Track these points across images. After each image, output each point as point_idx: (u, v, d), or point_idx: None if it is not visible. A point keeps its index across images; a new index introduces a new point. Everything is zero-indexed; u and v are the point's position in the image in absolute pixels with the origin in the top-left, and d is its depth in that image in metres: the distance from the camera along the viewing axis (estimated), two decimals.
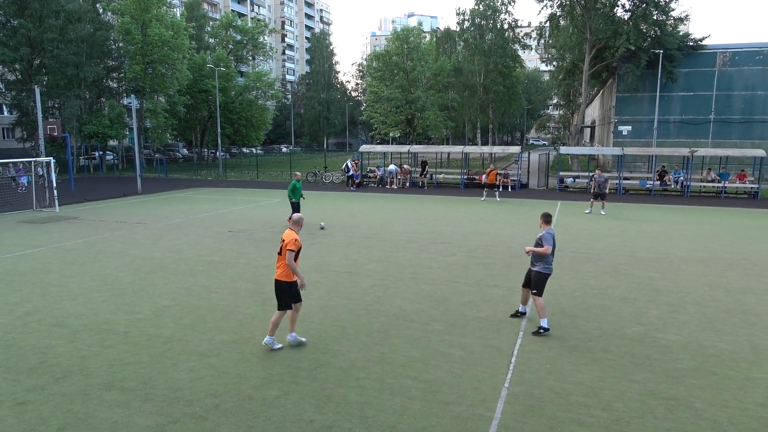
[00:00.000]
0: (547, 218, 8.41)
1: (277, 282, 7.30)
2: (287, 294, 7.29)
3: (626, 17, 37.52)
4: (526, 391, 6.30)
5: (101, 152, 45.53)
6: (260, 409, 5.87)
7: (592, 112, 60.02)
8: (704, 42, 36.09)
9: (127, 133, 44.51)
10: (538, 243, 8.22)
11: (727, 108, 35.72)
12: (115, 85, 46.65)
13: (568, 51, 43.60)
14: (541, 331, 8.03)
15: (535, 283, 8.23)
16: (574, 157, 42.43)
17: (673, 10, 36.14)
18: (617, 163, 31.37)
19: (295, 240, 7.20)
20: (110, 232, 16.21)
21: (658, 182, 29.10)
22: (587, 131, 61.33)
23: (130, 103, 32.68)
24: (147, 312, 8.94)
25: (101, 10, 42.55)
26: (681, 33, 37.23)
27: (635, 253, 13.74)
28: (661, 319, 8.85)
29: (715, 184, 28.68)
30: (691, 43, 35.92)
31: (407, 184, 30.79)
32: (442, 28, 59.55)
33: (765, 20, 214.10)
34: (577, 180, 30.96)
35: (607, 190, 21.25)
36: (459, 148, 35.03)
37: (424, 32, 59.01)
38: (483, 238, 15.59)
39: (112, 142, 47.33)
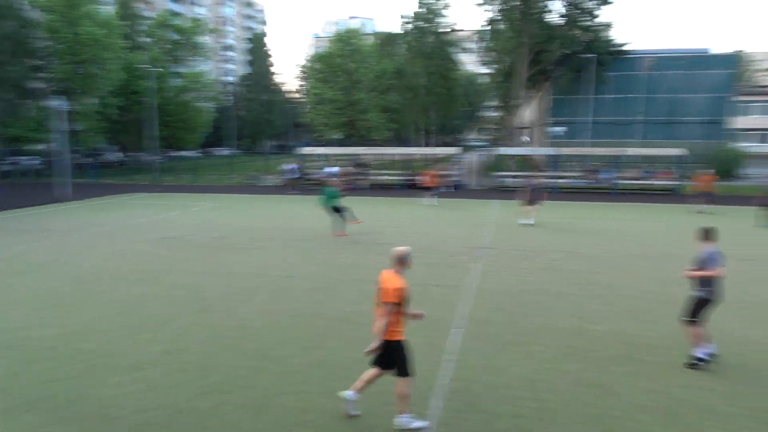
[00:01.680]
0: (706, 234, 7.07)
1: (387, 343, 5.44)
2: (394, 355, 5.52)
3: (560, 23, 39.01)
4: (464, 387, 6.42)
5: (26, 156, 43.02)
6: (193, 421, 5.69)
7: (529, 113, 61.96)
8: (628, 48, 38.04)
9: (56, 136, 42.28)
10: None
11: (652, 110, 37.77)
12: (42, 86, 44.20)
13: (506, 54, 44.88)
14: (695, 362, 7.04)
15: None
16: (511, 158, 43.64)
17: (597, 16, 37.91)
18: (552, 162, 32.52)
19: (399, 290, 5.37)
20: (38, 241, 15.34)
21: (590, 181, 30.36)
22: (523, 132, 63.22)
23: (59, 104, 30.98)
24: (76, 325, 8.51)
25: (26, 6, 40.22)
26: (609, 39, 39.12)
27: (571, 249, 14.28)
28: (594, 311, 9.22)
29: (641, 182, 30.22)
30: (619, 48, 37.80)
31: (350, 187, 30.76)
32: (380, 31, 59.97)
33: (685, 28, 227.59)
34: (514, 180, 31.87)
35: (541, 196, 19.28)
36: (401, 150, 35.35)
37: (367, 34, 59.26)
38: (425, 238, 15.78)
39: (39, 146, 44.82)
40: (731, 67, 37.86)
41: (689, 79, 37.19)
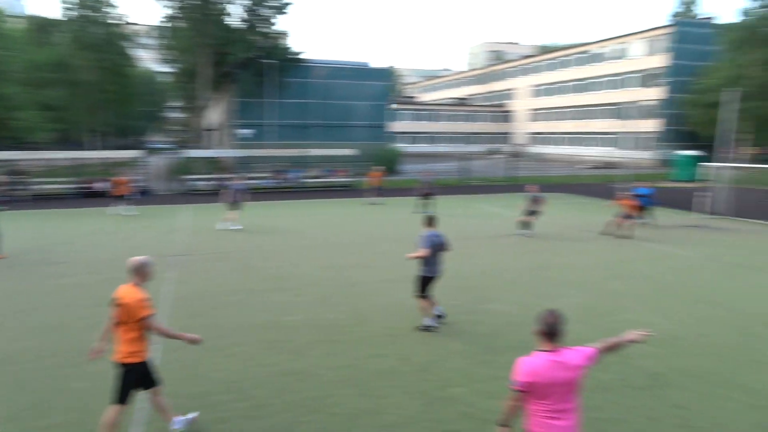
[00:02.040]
0: (428, 221, 8.47)
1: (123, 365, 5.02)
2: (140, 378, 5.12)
3: (239, 27, 39.61)
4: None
5: None
6: None
7: (214, 115, 61.40)
8: (306, 56, 41.18)
9: None
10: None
11: (326, 114, 41.75)
12: None
13: (187, 54, 43.39)
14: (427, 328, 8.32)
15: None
16: (200, 160, 42.64)
17: (274, 24, 39.98)
18: (240, 164, 32.98)
19: (147, 299, 5.03)
20: None
21: (278, 180, 31.90)
22: (211, 134, 62.41)
23: None
24: None
25: None
26: (287, 47, 41.64)
27: (261, 247, 14.77)
28: (286, 303, 9.78)
29: (323, 180, 33.20)
30: (294, 56, 40.53)
31: (4, 199, 25.43)
32: (33, 15, 51.08)
33: (350, 42, 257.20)
34: (206, 183, 31.23)
35: (243, 198, 18.33)
36: (68, 154, 30.95)
37: (14, 17, 49.55)
38: (109, 251, 14.19)
39: None
40: (386, 79, 44.57)
41: (354, 88, 42.37)
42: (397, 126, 72.54)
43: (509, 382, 3.95)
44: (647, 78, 55.78)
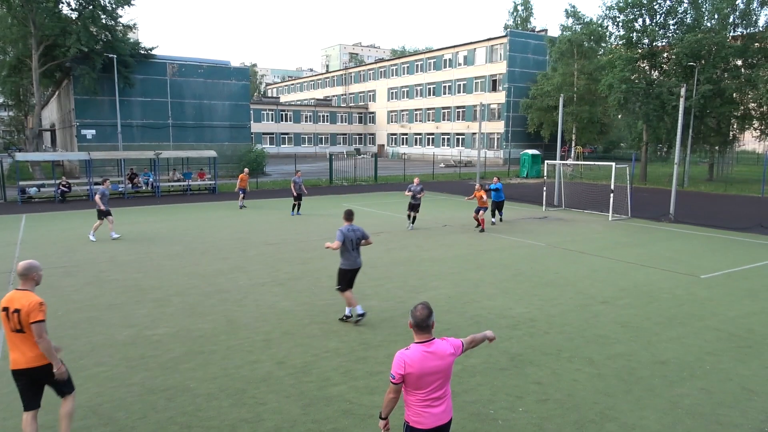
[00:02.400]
0: (346, 215, 8.80)
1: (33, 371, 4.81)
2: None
3: (74, 16, 35.75)
4: None
5: None
6: None
7: (51, 114, 55.04)
8: (154, 52, 38.38)
9: None
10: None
11: (182, 114, 39.37)
12: None
13: (10, 45, 38.21)
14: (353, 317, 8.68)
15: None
16: (36, 164, 37.97)
17: (120, 16, 36.77)
18: (86, 168, 29.95)
19: (43, 303, 4.76)
20: None
21: (130, 185, 29.47)
22: (47, 135, 55.84)
23: None
24: None
25: None
26: (132, 40, 38.43)
27: (115, 257, 13.55)
28: (150, 316, 9.07)
29: (181, 183, 31.31)
30: (143, 51, 37.58)
31: None
32: None
33: (206, 37, 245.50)
34: (42, 189, 27.88)
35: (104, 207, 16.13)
36: None
37: None
38: None
39: None
40: (245, 78, 43.17)
41: (214, 86, 40.46)
42: (260, 127, 70.94)
43: (387, 376, 4.03)
44: (491, 83, 60.50)
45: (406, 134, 73.97)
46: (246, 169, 25.08)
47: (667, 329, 8.59)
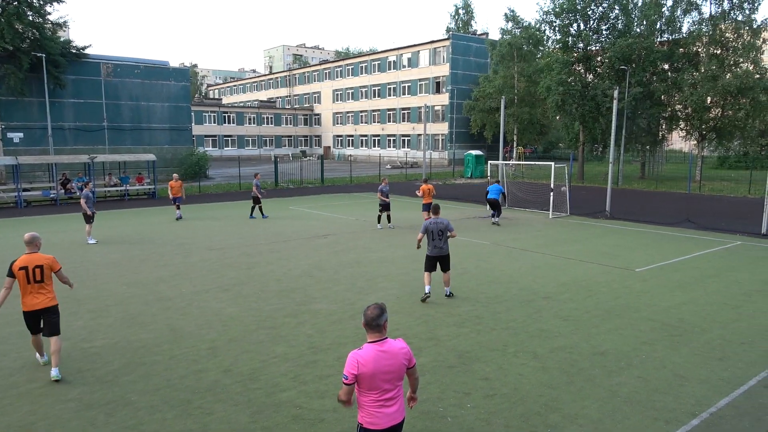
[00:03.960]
0: (435, 209, 10.34)
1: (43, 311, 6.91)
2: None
3: None
4: None
5: None
6: None
7: None
8: (88, 51, 36.67)
9: None
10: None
11: (118, 116, 37.81)
12: None
13: None
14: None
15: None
16: None
17: (49, 13, 34.95)
18: (13, 173, 28.28)
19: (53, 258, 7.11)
20: None
21: (63, 191, 28.06)
22: None
23: None
24: None
25: None
26: (62, 39, 36.58)
27: None
28: (87, 328, 8.67)
29: (118, 188, 30.08)
30: (75, 50, 35.84)
31: None
32: None
33: (142, 36, 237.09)
34: None
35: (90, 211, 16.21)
36: None
37: None
38: None
39: None
40: (185, 79, 41.93)
41: (150, 87, 39.08)
42: (202, 129, 69.14)
43: (340, 378, 4.01)
44: (434, 85, 61.38)
45: (352, 136, 73.94)
46: (175, 175, 22.08)
47: (605, 321, 8.95)
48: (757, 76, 35.33)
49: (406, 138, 65.63)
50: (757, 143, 40.97)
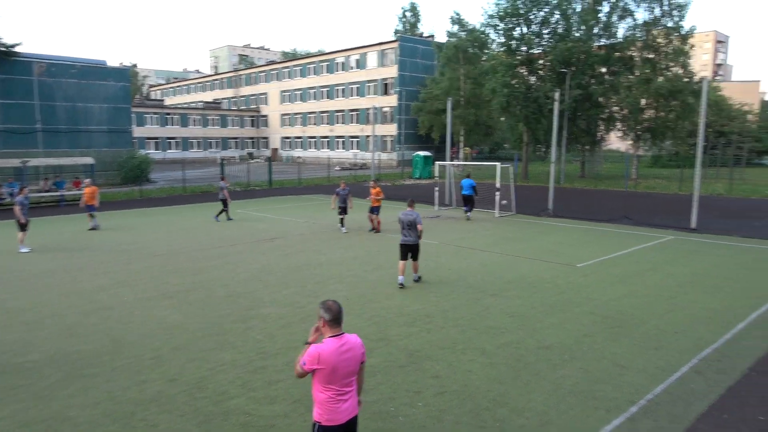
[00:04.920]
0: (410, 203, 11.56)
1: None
2: None
3: None
4: None
5: None
6: None
7: None
8: (18, 49, 34.75)
9: None
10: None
11: (52, 118, 36.00)
12: None
13: None
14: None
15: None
16: None
17: None
18: None
19: None
20: None
21: None
22: None
23: None
24: None
25: None
26: None
27: None
28: (20, 341, 8.22)
29: (53, 194, 28.67)
30: (3, 48, 33.90)
31: None
32: None
33: (78, 34, 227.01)
34: None
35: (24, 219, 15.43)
36: None
37: None
38: None
39: None
40: (125, 79, 40.40)
41: (87, 88, 37.43)
42: (143, 131, 66.87)
43: (291, 382, 3.99)
44: (383, 87, 61.69)
45: (300, 138, 73.30)
46: (87, 180, 20.47)
47: (549, 316, 9.24)
48: (686, 79, 37.41)
49: (355, 139, 65.62)
50: (686, 143, 43.23)
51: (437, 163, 26.84)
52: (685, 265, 13.17)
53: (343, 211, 18.15)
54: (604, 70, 40.86)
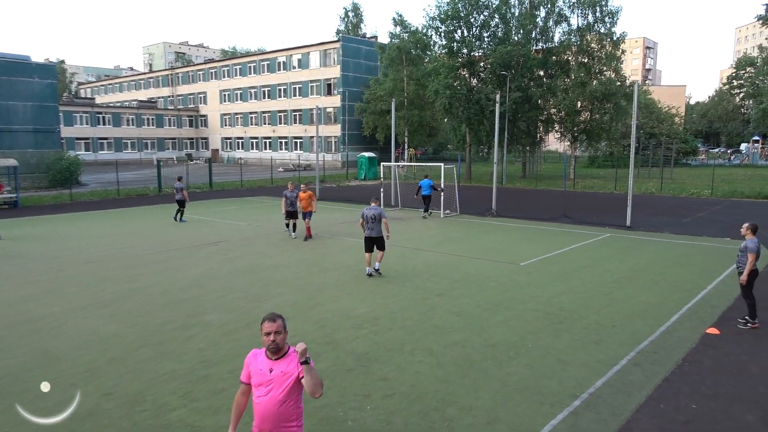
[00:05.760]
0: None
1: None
2: None
3: None
4: None
5: None
6: None
7: None
8: None
9: None
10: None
11: None
12: None
13: None
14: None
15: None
16: None
17: None
18: None
19: None
20: None
21: None
22: None
23: None
24: None
25: None
26: None
27: None
28: None
29: None
30: None
31: None
32: None
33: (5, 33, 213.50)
34: None
35: None
36: None
37: None
38: None
39: None
40: (52, 76, 38.29)
41: (9, 85, 35.19)
42: (73, 131, 63.72)
43: (234, 391, 3.87)
44: (326, 87, 61.39)
45: (241, 138, 71.84)
46: None
47: (495, 314, 9.43)
48: (619, 83, 39.25)
49: (298, 140, 64.97)
50: (620, 144, 45.41)
51: (382, 164, 26.95)
52: (621, 261, 13.78)
53: (292, 215, 17.46)
54: (542, 73, 42.27)
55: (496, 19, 40.32)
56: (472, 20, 39.57)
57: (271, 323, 3.70)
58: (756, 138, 69.89)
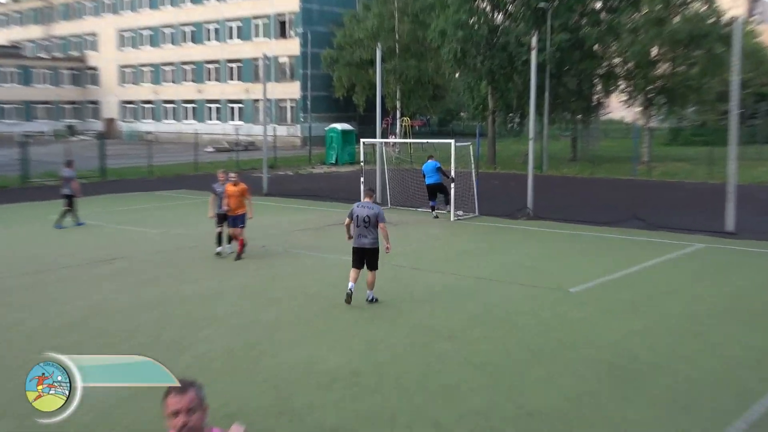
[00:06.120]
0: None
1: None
2: None
3: None
4: None
5: None
6: None
7: None
8: None
9: None
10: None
11: None
12: None
13: None
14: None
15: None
16: None
17: None
18: None
19: None
20: None
21: None
22: None
23: None
24: None
25: None
26: None
27: None
28: None
29: None
30: None
31: None
32: None
33: None
34: None
35: None
36: None
37: None
38: None
39: None
40: None
41: None
42: None
43: None
44: (277, 26, 61.28)
45: (151, 102, 71.56)
46: None
47: (533, 367, 9.37)
48: (712, 20, 39.42)
49: (236, 105, 64.89)
50: (715, 110, 45.64)
51: (363, 140, 26.89)
52: (721, 285, 13.83)
53: (225, 219, 16.80)
54: (599, 5, 42.45)
55: None
56: None
57: (178, 397, 3.50)
58: None
